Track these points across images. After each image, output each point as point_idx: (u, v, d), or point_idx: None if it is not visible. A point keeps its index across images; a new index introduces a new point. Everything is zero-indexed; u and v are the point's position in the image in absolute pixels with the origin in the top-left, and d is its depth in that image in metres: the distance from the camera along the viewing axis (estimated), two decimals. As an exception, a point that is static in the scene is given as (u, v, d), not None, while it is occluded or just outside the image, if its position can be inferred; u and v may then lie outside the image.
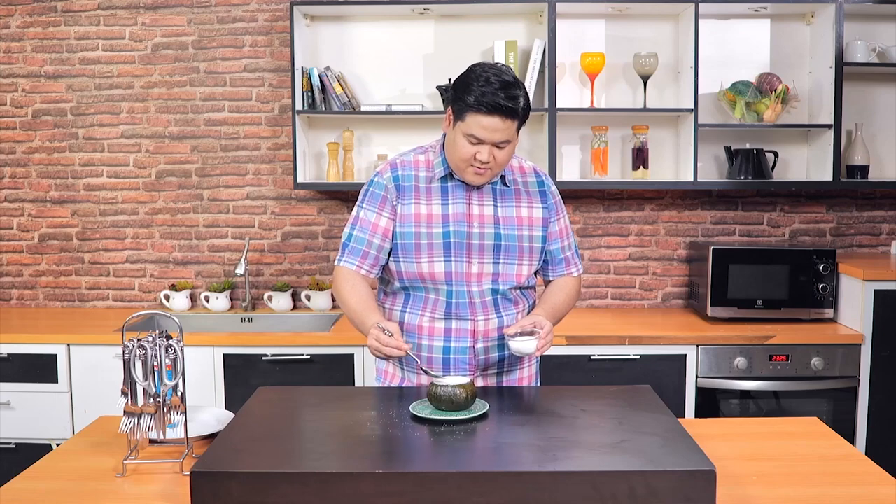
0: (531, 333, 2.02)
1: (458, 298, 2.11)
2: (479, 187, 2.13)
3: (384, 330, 1.95)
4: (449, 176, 2.13)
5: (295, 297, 3.76)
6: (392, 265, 2.15)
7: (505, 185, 2.15)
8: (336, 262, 2.17)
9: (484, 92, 1.96)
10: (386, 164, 2.18)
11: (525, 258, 2.15)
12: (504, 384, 2.19)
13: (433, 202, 2.12)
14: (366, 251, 2.13)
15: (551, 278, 2.27)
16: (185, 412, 1.83)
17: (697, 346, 3.21)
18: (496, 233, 2.12)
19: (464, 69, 2.06)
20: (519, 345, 2.01)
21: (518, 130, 2.05)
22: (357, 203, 2.17)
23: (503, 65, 2.05)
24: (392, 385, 2.22)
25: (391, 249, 2.14)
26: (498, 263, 2.12)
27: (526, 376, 2.25)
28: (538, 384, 2.31)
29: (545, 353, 2.07)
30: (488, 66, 2.01)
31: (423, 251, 2.10)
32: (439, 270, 2.10)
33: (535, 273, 2.23)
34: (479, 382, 2.15)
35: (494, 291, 2.13)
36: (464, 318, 2.12)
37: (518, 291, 2.19)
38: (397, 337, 1.94)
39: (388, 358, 1.97)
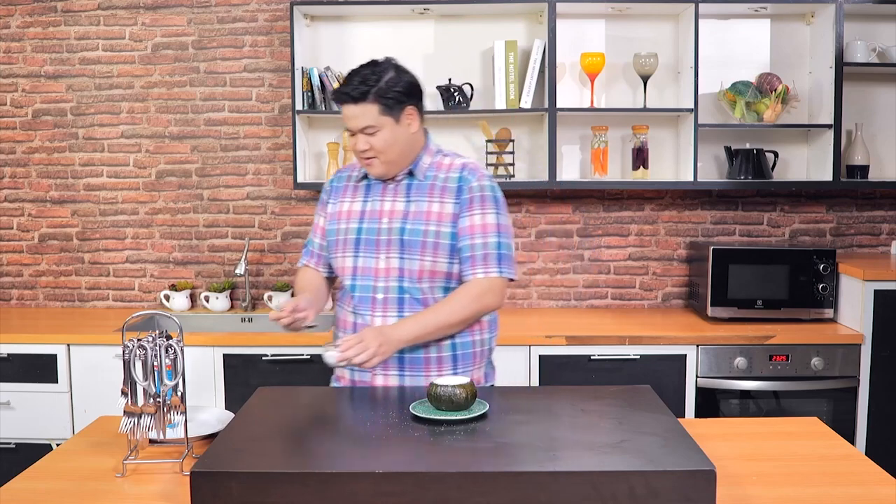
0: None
1: (361, 293, 2.17)
2: (395, 185, 2.19)
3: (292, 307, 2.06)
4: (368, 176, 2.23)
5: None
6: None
7: (419, 179, 2.18)
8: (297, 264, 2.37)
9: (336, 90, 2.13)
10: (335, 171, 2.37)
11: (428, 253, 2.13)
12: (406, 386, 2.16)
13: (356, 199, 2.23)
14: (312, 251, 2.33)
15: (464, 279, 2.16)
16: (185, 412, 1.83)
17: (697, 346, 3.21)
18: (401, 227, 2.14)
19: (463, 69, 2.09)
20: (323, 354, 2.01)
21: (390, 115, 2.10)
22: None
23: (377, 59, 2.16)
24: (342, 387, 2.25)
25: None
26: (403, 259, 2.13)
27: None
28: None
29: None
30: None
31: (339, 247, 2.21)
32: (349, 265, 2.19)
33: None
34: (379, 382, 2.17)
35: (401, 289, 2.14)
36: (364, 313, 2.16)
37: (430, 290, 2.15)
38: (286, 308, 2.04)
39: (289, 328, 2.08)
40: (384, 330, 2.06)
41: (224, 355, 3.22)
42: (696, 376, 3.22)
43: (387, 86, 2.09)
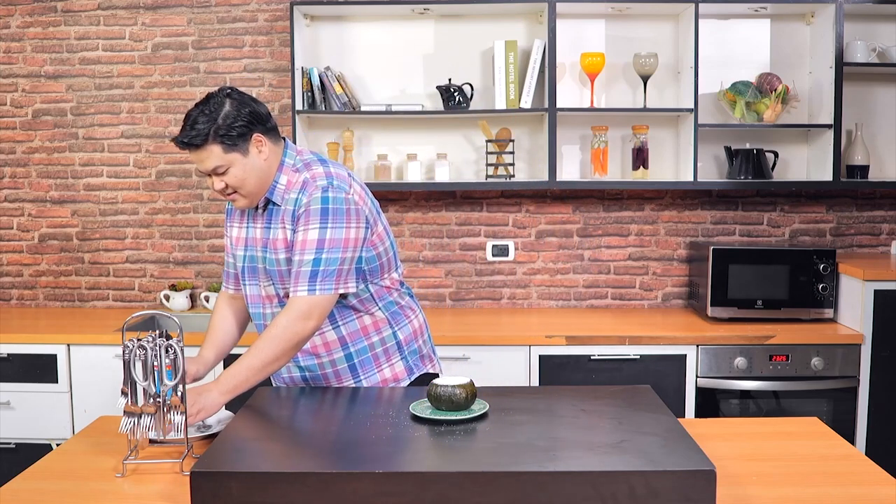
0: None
1: (258, 321, 2.19)
2: (261, 210, 2.11)
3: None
4: None
5: (295, 297, 3.76)
6: None
7: (277, 204, 2.08)
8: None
9: (175, 138, 2.04)
10: None
11: (287, 281, 2.06)
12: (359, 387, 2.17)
13: (243, 225, 2.18)
14: (228, 271, 2.29)
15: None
16: (185, 412, 1.83)
17: (697, 346, 3.22)
18: (263, 256, 2.11)
19: (463, 69, 2.07)
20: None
21: (236, 150, 1.99)
22: None
23: (212, 93, 2.07)
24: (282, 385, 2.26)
25: None
26: (275, 286, 2.11)
27: None
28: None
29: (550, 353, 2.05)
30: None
31: (240, 274, 2.21)
32: (246, 293, 2.20)
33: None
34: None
35: None
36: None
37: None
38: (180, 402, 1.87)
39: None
40: (199, 390, 1.96)
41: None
42: (696, 376, 3.22)
43: (224, 122, 1.98)
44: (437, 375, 2.28)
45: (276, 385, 2.29)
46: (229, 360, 3.17)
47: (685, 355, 3.21)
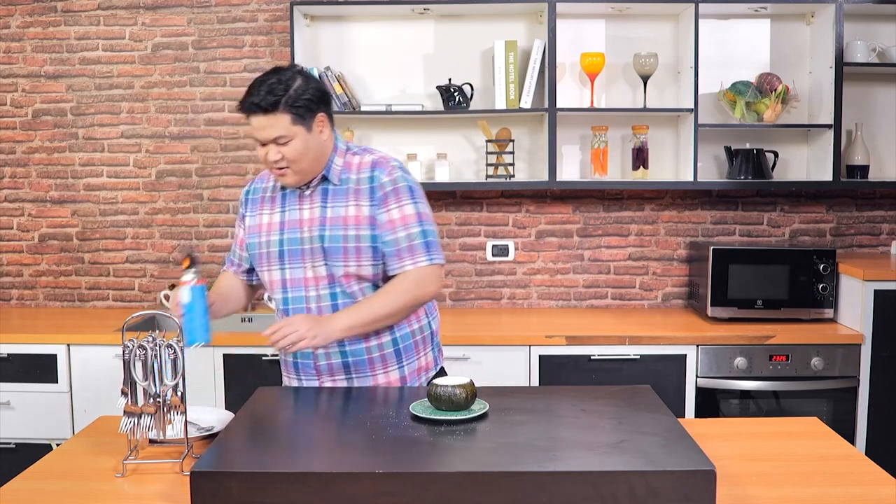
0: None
1: (294, 304, 2.16)
2: (310, 191, 2.14)
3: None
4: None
5: (295, 297, 3.76)
6: None
7: (334, 184, 2.13)
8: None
9: (245, 97, 2.04)
10: (248, 182, 2.35)
11: (351, 259, 2.09)
12: (353, 388, 2.16)
13: (274, 211, 2.19)
14: (232, 259, 2.35)
15: (390, 274, 2.13)
16: (185, 412, 1.83)
17: (697, 346, 3.21)
18: (321, 235, 2.11)
19: (463, 69, 2.08)
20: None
21: (302, 124, 2.03)
22: None
23: (281, 66, 2.10)
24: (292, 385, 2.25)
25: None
26: (328, 265, 2.11)
27: (384, 382, 2.18)
28: (418, 384, 2.23)
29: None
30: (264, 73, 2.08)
31: (263, 260, 2.19)
32: (277, 279, 2.18)
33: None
34: (327, 385, 2.17)
35: (333, 296, 2.12)
36: None
37: (361, 293, 2.13)
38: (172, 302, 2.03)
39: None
40: (319, 318, 2.04)
41: (224, 355, 3.22)
42: (696, 376, 3.22)
43: (296, 94, 2.02)
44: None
45: (301, 378, 2.22)
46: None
47: (685, 355, 3.21)
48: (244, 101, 2.04)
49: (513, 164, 3.61)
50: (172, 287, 3.74)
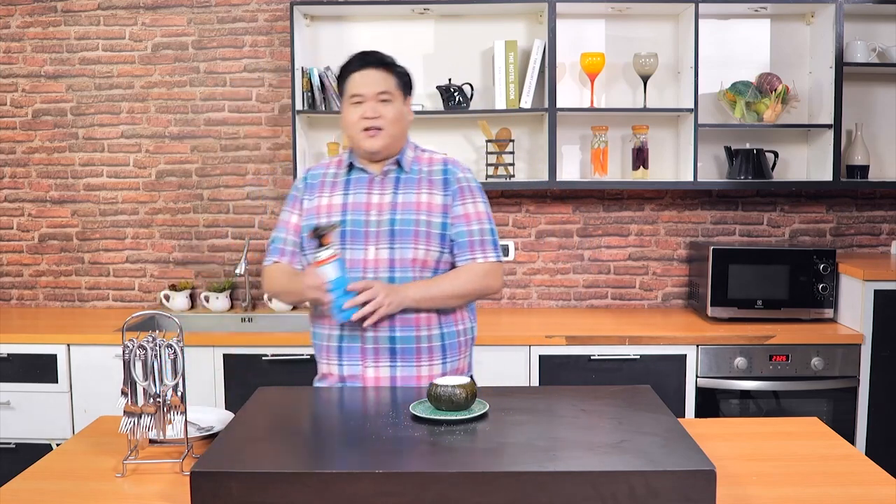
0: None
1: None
2: (381, 177, 2.20)
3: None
4: (354, 169, 2.24)
5: (295, 297, 3.76)
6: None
7: (406, 171, 2.22)
8: (263, 265, 2.33)
9: (353, 58, 2.22)
10: (305, 170, 2.39)
11: (421, 242, 2.15)
12: (398, 378, 2.16)
13: (335, 194, 2.23)
14: (282, 248, 2.28)
15: (458, 264, 2.21)
16: (185, 412, 1.83)
17: (697, 346, 3.22)
18: (391, 218, 2.16)
19: (463, 69, 2.10)
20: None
21: (402, 92, 2.20)
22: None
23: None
24: (333, 385, 2.22)
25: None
26: (393, 249, 2.14)
27: (427, 375, 2.18)
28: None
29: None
30: None
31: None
32: (345, 258, 2.17)
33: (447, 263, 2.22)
34: (371, 374, 2.17)
35: (391, 280, 2.15)
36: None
37: (419, 278, 2.16)
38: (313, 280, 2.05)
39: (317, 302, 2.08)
40: (392, 286, 2.10)
41: (224, 355, 3.22)
42: (696, 376, 3.22)
43: (402, 69, 2.24)
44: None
45: (342, 363, 2.19)
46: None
47: (685, 355, 3.21)
48: (359, 55, 2.20)
49: (513, 164, 3.61)
50: (172, 287, 3.74)
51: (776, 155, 3.61)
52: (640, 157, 3.59)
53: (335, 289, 2.03)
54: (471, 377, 2.29)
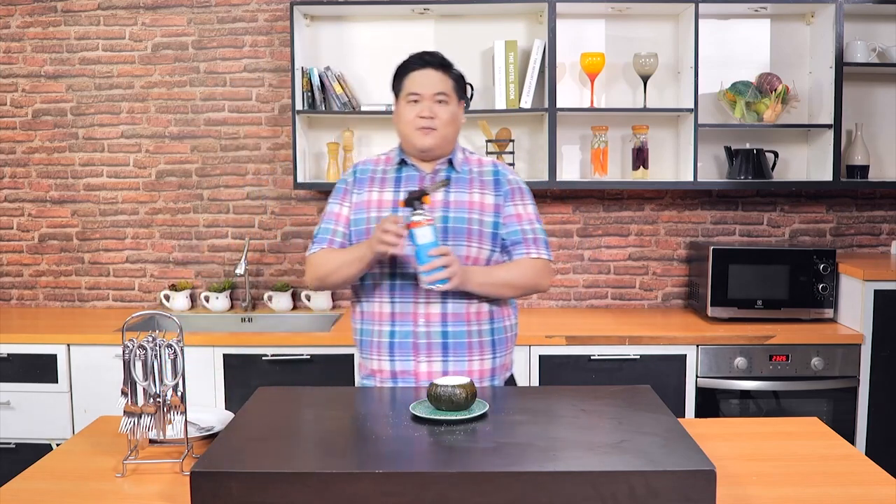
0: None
1: (402, 280, 2.17)
2: (432, 177, 2.22)
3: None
4: (405, 165, 2.25)
5: (295, 297, 3.76)
6: None
7: (457, 172, 2.24)
8: (307, 255, 2.30)
9: (413, 56, 2.25)
10: (353, 164, 2.38)
11: (474, 240, 2.18)
12: (450, 374, 2.16)
13: (385, 190, 2.24)
14: (331, 238, 2.25)
15: (514, 258, 2.24)
16: (185, 412, 1.83)
17: (697, 346, 3.22)
18: (444, 216, 2.17)
19: (463, 69, 2.12)
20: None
21: (458, 96, 2.23)
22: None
23: None
24: (384, 383, 2.21)
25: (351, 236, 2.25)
26: (446, 245, 2.12)
27: (477, 370, 2.19)
28: (497, 382, 2.25)
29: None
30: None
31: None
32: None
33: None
34: (423, 369, 2.17)
35: None
36: (407, 300, 2.16)
37: None
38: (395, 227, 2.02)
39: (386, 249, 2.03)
40: (464, 266, 2.10)
41: (224, 355, 3.22)
42: (696, 376, 3.22)
43: (459, 73, 2.27)
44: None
45: (394, 359, 2.18)
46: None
47: (685, 355, 3.21)
48: (420, 55, 2.23)
49: (513, 164, 3.61)
50: (172, 287, 3.74)
51: (776, 155, 3.61)
52: (640, 157, 3.59)
53: (421, 252, 2.02)
54: (510, 375, 2.33)
